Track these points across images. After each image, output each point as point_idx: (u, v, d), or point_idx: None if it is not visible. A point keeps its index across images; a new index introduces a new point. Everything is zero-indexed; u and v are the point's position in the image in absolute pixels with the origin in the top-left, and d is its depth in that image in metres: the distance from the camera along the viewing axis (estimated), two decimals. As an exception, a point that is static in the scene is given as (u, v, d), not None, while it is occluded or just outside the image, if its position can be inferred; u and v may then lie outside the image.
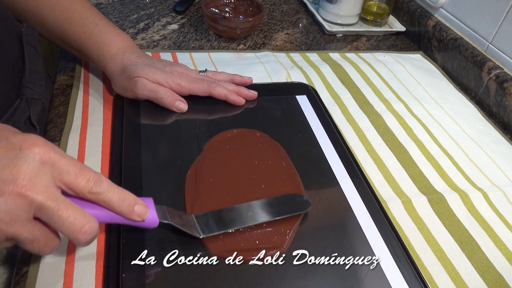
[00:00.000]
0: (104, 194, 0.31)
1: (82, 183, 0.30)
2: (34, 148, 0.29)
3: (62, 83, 0.58)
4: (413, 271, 0.40)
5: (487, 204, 0.50)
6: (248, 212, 0.41)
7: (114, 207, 0.32)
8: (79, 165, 0.31)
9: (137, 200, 0.33)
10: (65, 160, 0.30)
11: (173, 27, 0.76)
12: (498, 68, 0.68)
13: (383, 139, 0.57)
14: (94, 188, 0.31)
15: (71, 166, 0.30)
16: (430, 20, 0.82)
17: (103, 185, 0.31)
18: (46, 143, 0.30)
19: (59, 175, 0.30)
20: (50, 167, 0.29)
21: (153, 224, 0.35)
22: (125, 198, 0.32)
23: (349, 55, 0.76)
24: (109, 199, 0.31)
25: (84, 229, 0.30)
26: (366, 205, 0.45)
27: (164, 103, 0.52)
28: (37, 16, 0.52)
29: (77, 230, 0.30)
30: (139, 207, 0.33)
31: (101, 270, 0.37)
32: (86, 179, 0.30)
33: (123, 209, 0.32)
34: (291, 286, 0.37)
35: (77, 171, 0.30)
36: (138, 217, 0.33)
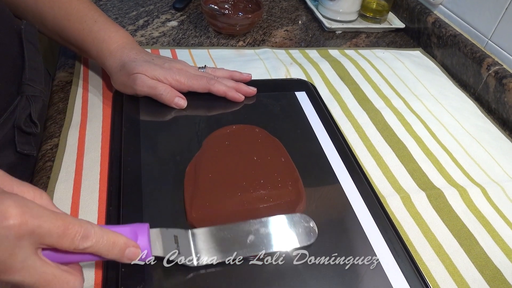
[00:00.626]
0: (92, 247, 0.29)
1: (66, 244, 0.28)
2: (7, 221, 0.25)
3: (62, 80, 0.58)
4: (412, 266, 0.40)
5: (486, 199, 0.50)
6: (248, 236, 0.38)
7: (103, 256, 0.30)
8: (63, 223, 0.28)
9: (128, 243, 0.31)
10: (46, 223, 0.27)
11: (172, 24, 0.76)
12: (497, 64, 0.68)
13: (382, 135, 0.57)
14: (80, 245, 0.28)
15: (53, 228, 0.27)
16: (429, 16, 0.82)
17: (90, 238, 0.29)
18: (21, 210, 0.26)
19: (40, 239, 0.27)
20: (28, 238, 0.26)
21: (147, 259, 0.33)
22: (115, 244, 0.30)
23: (348, 52, 0.76)
24: (97, 250, 0.30)
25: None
26: (365, 201, 0.46)
27: (163, 100, 0.52)
28: (35, 13, 0.52)
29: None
30: (129, 251, 0.31)
31: (100, 265, 0.37)
32: (70, 239, 0.28)
33: (113, 256, 0.31)
34: (290, 282, 0.37)
35: (59, 232, 0.27)
36: (128, 261, 0.32)
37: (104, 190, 0.43)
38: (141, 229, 0.33)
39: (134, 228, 0.33)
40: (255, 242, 0.38)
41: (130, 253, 0.31)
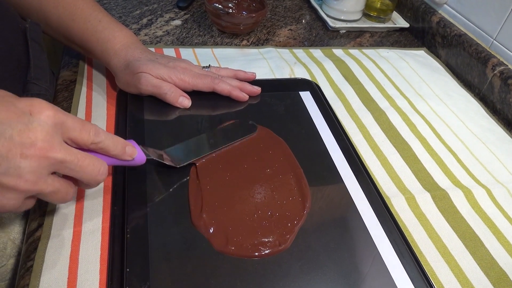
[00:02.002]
0: (102, 142, 0.35)
1: (85, 137, 0.34)
2: (45, 112, 0.31)
3: (66, 79, 0.58)
4: (417, 267, 0.40)
5: (491, 200, 0.50)
6: (209, 140, 0.48)
7: (110, 151, 0.37)
8: (81, 121, 0.34)
9: (127, 143, 0.38)
10: (71, 118, 0.33)
11: (176, 23, 0.76)
12: (502, 64, 0.67)
13: (386, 135, 0.57)
14: (95, 138, 0.35)
15: (76, 123, 0.34)
16: (434, 16, 0.81)
17: (101, 134, 0.35)
18: (52, 106, 0.32)
19: (67, 132, 0.33)
20: (60, 127, 0.32)
21: (142, 161, 0.41)
22: (118, 142, 0.37)
23: (352, 51, 0.75)
24: (106, 146, 0.36)
25: (101, 171, 0.35)
26: (370, 201, 0.45)
27: (168, 99, 0.52)
28: (40, 13, 0.52)
29: (95, 173, 0.35)
30: (129, 148, 0.38)
31: (105, 265, 0.37)
32: (87, 132, 0.34)
33: (118, 152, 0.37)
34: (295, 281, 0.37)
35: (80, 126, 0.34)
36: (129, 157, 0.38)
37: (108, 191, 0.43)
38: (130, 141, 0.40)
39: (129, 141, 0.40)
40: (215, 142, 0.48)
41: (129, 150, 0.38)
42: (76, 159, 0.33)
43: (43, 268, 0.36)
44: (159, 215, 0.40)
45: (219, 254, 0.38)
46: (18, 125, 0.30)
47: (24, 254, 0.38)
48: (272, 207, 0.43)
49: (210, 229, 0.39)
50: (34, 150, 0.30)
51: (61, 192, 0.34)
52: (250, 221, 0.41)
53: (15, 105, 0.31)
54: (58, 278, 0.36)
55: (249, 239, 0.39)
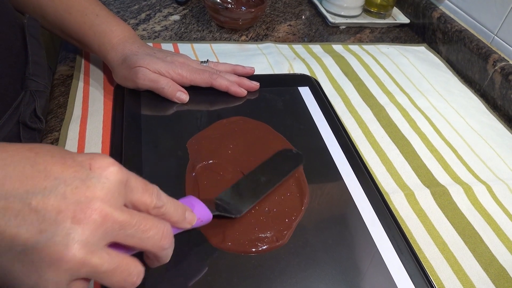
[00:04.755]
0: (164, 207, 0.30)
1: (148, 200, 0.29)
2: (108, 167, 0.27)
3: (63, 74, 0.57)
4: (416, 264, 0.39)
5: (491, 197, 0.50)
6: (261, 179, 0.43)
7: (171, 217, 0.31)
8: (143, 181, 0.30)
9: (186, 207, 0.33)
10: (133, 177, 0.29)
11: (174, 18, 0.75)
12: (503, 60, 0.67)
13: (386, 131, 0.57)
14: (158, 202, 0.29)
15: (139, 183, 0.29)
16: (434, 12, 0.81)
17: (163, 197, 0.30)
18: (115, 162, 0.28)
19: (129, 193, 0.28)
20: (124, 186, 0.27)
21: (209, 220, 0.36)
22: (178, 206, 0.31)
23: (352, 47, 0.75)
24: (168, 211, 0.30)
25: (164, 233, 0.29)
26: (369, 197, 0.45)
27: (165, 94, 0.51)
28: (36, 6, 0.52)
29: (159, 238, 0.28)
30: (189, 214, 0.33)
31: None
32: (150, 195, 0.29)
33: (177, 218, 0.31)
34: (292, 278, 0.36)
35: (143, 187, 0.29)
36: (188, 225, 0.32)
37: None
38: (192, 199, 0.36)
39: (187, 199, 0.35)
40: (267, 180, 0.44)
41: (189, 217, 0.33)
42: (138, 223, 0.27)
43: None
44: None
45: (216, 250, 0.38)
46: (74, 181, 0.25)
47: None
48: (269, 202, 0.42)
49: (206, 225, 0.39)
50: (90, 212, 0.24)
51: (120, 271, 0.26)
52: (247, 216, 0.41)
53: (73, 159, 0.26)
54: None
55: (246, 234, 0.39)
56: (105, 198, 0.25)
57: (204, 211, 0.35)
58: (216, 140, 0.48)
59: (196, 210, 0.35)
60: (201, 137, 0.48)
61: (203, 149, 0.47)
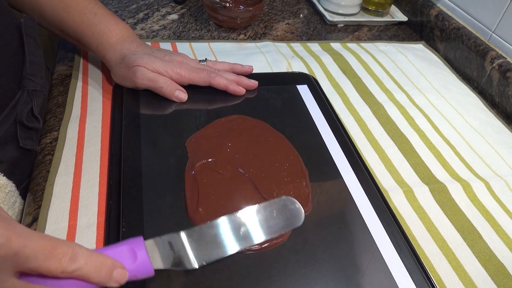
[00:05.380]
0: (80, 270, 0.27)
1: (53, 266, 0.26)
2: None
3: (61, 73, 0.57)
4: (415, 261, 0.39)
5: (489, 193, 0.50)
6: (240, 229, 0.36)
7: (91, 279, 0.28)
8: (50, 243, 0.26)
9: (116, 264, 0.29)
10: (32, 245, 0.25)
11: (172, 17, 0.75)
12: (501, 57, 0.67)
13: (384, 128, 0.57)
14: (69, 267, 0.27)
15: (39, 249, 0.26)
16: (432, 9, 0.81)
17: (78, 259, 0.27)
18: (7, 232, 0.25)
19: (23, 263, 0.25)
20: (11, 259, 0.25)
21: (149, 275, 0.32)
22: (102, 265, 0.28)
23: (350, 45, 0.75)
24: (85, 273, 0.27)
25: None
26: (368, 194, 0.45)
27: (164, 93, 0.51)
28: (34, 5, 0.52)
29: None
30: (117, 272, 0.29)
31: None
32: (58, 260, 0.26)
33: (100, 280, 0.28)
34: (292, 275, 0.37)
35: (46, 253, 0.26)
36: (116, 284, 0.29)
37: (104, 184, 0.43)
38: (137, 245, 0.31)
39: (130, 246, 0.31)
40: (247, 232, 0.37)
41: (117, 275, 0.29)
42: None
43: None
44: (155, 209, 0.40)
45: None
46: None
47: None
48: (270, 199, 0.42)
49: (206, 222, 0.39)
50: None
51: None
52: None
53: None
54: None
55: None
56: None
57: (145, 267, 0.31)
58: (215, 139, 0.48)
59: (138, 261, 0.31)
60: (200, 136, 0.48)
61: (202, 148, 0.47)
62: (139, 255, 0.31)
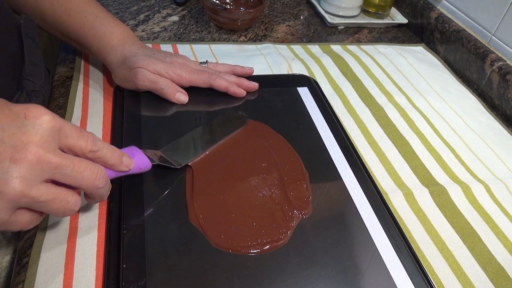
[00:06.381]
0: (100, 151, 0.34)
1: (83, 144, 0.32)
2: (40, 116, 0.30)
3: (62, 75, 0.58)
4: (414, 263, 0.40)
5: (489, 196, 0.50)
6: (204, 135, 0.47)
7: (108, 160, 0.35)
8: (78, 128, 0.33)
9: (123, 153, 0.37)
10: (68, 125, 0.32)
11: (173, 19, 0.76)
12: (501, 60, 0.67)
13: (384, 131, 0.57)
14: (93, 147, 0.33)
15: (73, 130, 0.32)
16: (432, 12, 0.81)
17: (98, 143, 0.34)
18: (49, 111, 0.31)
19: (64, 139, 0.31)
20: (57, 133, 0.31)
21: (148, 167, 0.40)
22: (115, 151, 0.35)
23: (350, 47, 0.75)
24: (104, 155, 0.34)
25: (98, 175, 0.33)
26: (368, 197, 0.45)
27: (165, 95, 0.52)
28: (35, 8, 0.52)
29: (93, 178, 0.32)
30: (126, 159, 0.37)
31: (101, 261, 0.37)
32: (85, 140, 0.33)
33: (115, 162, 0.35)
34: (292, 277, 0.37)
35: (78, 133, 0.32)
36: (125, 168, 0.36)
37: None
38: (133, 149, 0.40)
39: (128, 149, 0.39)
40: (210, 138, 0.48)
41: (126, 161, 0.37)
42: (72, 164, 0.31)
43: (39, 264, 0.36)
44: (155, 211, 0.40)
45: (216, 250, 0.38)
46: (10, 128, 0.29)
47: (19, 250, 0.38)
48: (270, 202, 0.42)
49: (206, 225, 0.39)
50: (25, 154, 0.28)
51: (59, 200, 0.31)
52: (247, 216, 0.41)
53: (10, 109, 0.30)
54: (54, 274, 0.35)
55: (247, 234, 0.39)
56: (39, 142, 0.29)
57: (143, 160, 0.39)
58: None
59: (136, 158, 0.39)
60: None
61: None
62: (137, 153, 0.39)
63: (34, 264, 0.36)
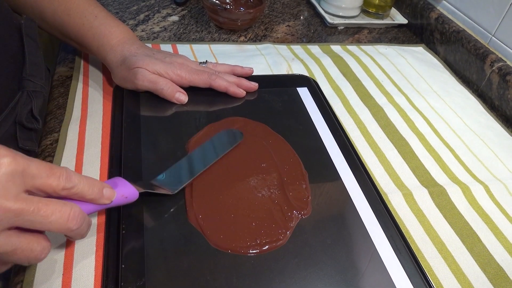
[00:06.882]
0: (76, 187, 0.31)
1: (54, 183, 0.30)
2: (1, 159, 0.27)
3: (62, 75, 0.58)
4: (414, 264, 0.40)
5: (488, 197, 0.50)
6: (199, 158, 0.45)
7: (85, 196, 0.32)
8: (48, 165, 0.30)
9: (104, 184, 0.34)
10: (34, 164, 0.29)
11: (173, 19, 0.76)
12: (501, 60, 0.67)
13: (384, 131, 0.57)
14: (66, 184, 0.31)
15: (42, 169, 0.30)
16: (432, 12, 0.81)
17: (73, 178, 0.31)
18: (11, 152, 0.28)
19: (30, 180, 0.29)
20: (20, 175, 0.28)
21: (135, 197, 0.38)
22: (94, 185, 0.33)
23: (350, 48, 0.75)
24: (80, 190, 0.32)
25: (70, 216, 0.30)
26: (367, 197, 0.45)
27: (164, 94, 0.52)
28: (35, 8, 0.52)
29: (65, 220, 0.30)
30: (107, 191, 0.34)
31: (100, 261, 0.37)
32: (57, 178, 0.30)
33: (94, 196, 0.33)
34: (291, 277, 0.37)
35: (48, 171, 0.30)
36: (107, 200, 0.34)
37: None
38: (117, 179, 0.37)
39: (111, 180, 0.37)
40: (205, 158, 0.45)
41: (107, 193, 0.34)
42: (36, 209, 0.28)
43: (37, 264, 0.36)
44: (154, 211, 0.40)
45: (215, 250, 0.38)
46: None
47: (19, 250, 0.38)
48: (269, 203, 0.42)
49: (205, 225, 0.39)
50: None
51: (21, 250, 0.29)
52: (246, 216, 0.41)
53: None
54: (53, 274, 0.35)
55: (246, 235, 0.39)
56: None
57: (128, 188, 0.37)
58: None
59: (119, 187, 0.36)
60: (200, 137, 0.48)
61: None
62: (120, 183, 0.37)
63: (33, 265, 0.36)
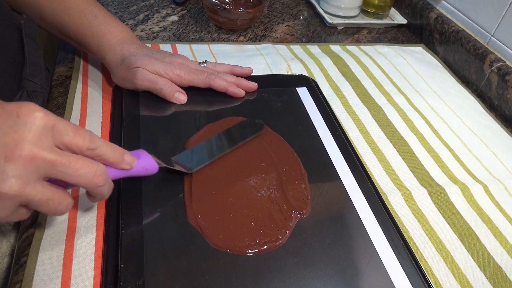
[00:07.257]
0: (99, 149, 0.33)
1: (80, 142, 0.32)
2: (32, 113, 0.30)
3: (61, 75, 0.58)
4: (413, 263, 0.40)
5: (488, 197, 0.50)
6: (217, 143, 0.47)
7: (108, 158, 0.34)
8: (74, 126, 0.32)
9: (125, 151, 0.36)
10: (62, 122, 0.31)
11: (173, 19, 0.76)
12: (500, 61, 0.67)
13: (383, 131, 0.57)
14: (91, 144, 0.32)
15: (69, 127, 0.32)
16: (432, 12, 0.81)
17: (96, 140, 0.33)
18: (43, 108, 0.30)
19: (59, 136, 0.31)
20: (51, 130, 0.30)
21: (154, 170, 0.39)
22: (116, 149, 0.35)
23: (350, 48, 0.75)
24: (104, 152, 0.34)
25: (97, 173, 0.32)
26: (366, 197, 0.45)
27: (164, 94, 0.52)
28: (34, 7, 0.52)
29: (92, 175, 0.32)
30: (127, 156, 0.36)
31: (99, 261, 0.37)
32: (82, 138, 0.32)
33: (116, 159, 0.35)
34: (290, 277, 0.37)
35: (74, 131, 0.32)
36: (127, 165, 0.36)
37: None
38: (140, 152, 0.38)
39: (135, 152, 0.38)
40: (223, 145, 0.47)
41: (128, 158, 0.36)
42: (68, 161, 0.30)
43: (36, 264, 0.36)
44: (154, 211, 0.40)
45: (214, 250, 0.38)
46: (3, 127, 0.28)
47: (17, 250, 0.38)
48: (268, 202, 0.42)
49: (204, 225, 0.39)
50: (19, 152, 0.28)
51: (53, 201, 0.31)
52: (246, 216, 0.41)
53: (3, 108, 0.29)
54: (52, 273, 0.35)
55: (245, 234, 0.39)
56: (32, 140, 0.29)
57: (149, 161, 0.38)
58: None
59: (142, 159, 0.38)
60: (199, 137, 0.48)
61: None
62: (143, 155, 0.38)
63: (32, 264, 0.36)
